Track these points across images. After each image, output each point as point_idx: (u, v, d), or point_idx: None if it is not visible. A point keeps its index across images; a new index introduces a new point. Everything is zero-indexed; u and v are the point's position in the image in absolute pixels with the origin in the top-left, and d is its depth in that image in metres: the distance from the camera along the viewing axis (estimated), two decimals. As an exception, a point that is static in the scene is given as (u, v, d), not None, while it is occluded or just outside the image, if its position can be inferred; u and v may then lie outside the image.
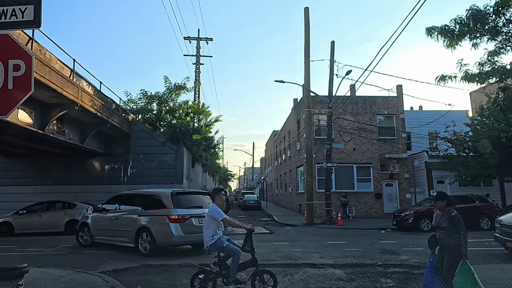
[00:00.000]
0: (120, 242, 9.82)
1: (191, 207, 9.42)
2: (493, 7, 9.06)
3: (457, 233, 4.64)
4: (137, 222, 9.37)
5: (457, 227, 4.67)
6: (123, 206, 10.25)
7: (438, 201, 4.96)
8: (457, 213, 4.79)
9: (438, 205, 4.98)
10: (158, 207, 9.27)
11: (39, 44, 11.75)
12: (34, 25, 2.98)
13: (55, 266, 7.28)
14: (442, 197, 4.97)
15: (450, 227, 4.74)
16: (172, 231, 8.80)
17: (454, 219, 4.74)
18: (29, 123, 12.65)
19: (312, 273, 7.19)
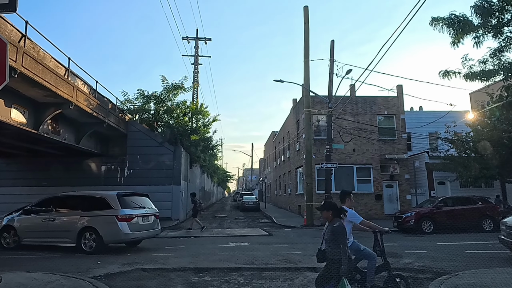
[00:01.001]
0: (57, 243, 10.19)
1: (135, 208, 10.33)
2: (497, 3, 8.84)
3: (337, 246, 4.20)
4: (79, 223, 9.85)
5: (337, 240, 4.23)
6: (59, 208, 10.51)
7: (323, 210, 4.52)
8: (339, 225, 4.32)
9: (324, 215, 4.54)
10: (103, 208, 9.86)
11: (32, 41, 11.46)
12: (9, 9, 2.70)
13: (44, 270, 6.98)
14: (327, 207, 4.52)
15: (331, 239, 4.32)
16: (121, 230, 9.59)
17: (334, 230, 4.28)
18: (23, 123, 12.37)
19: (313, 278, 6.87)
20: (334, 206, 4.56)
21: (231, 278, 6.98)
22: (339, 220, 4.41)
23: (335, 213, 4.48)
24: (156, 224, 11.09)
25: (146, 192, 19.56)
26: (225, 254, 9.53)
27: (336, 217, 4.45)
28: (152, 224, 10.86)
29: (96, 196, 10.37)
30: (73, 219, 10.00)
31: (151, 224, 10.78)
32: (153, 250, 10.31)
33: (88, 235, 9.74)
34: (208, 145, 27.81)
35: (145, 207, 10.84)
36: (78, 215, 9.96)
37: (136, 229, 9.98)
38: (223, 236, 13.92)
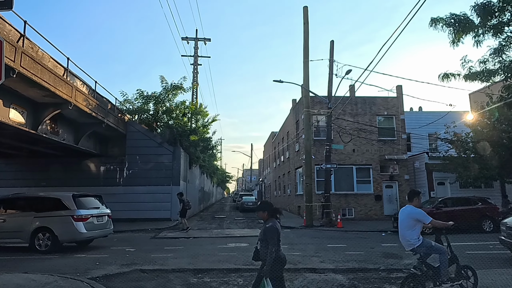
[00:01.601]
0: (9, 243, 10.31)
1: (90, 208, 10.80)
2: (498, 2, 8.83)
3: (267, 247, 4.16)
4: (33, 223, 10.10)
5: (267, 240, 4.19)
6: (12, 209, 10.70)
7: (259, 211, 4.48)
8: (271, 225, 4.26)
9: (259, 215, 4.49)
10: (59, 208, 10.16)
11: (31, 41, 11.42)
12: (5, 7, 2.66)
13: (42, 271, 6.93)
14: (263, 208, 4.49)
15: (263, 239, 4.28)
16: (77, 229, 10.06)
17: (266, 230, 4.25)
18: (21, 123, 12.31)
19: (313, 279, 6.88)
20: (269, 206, 4.52)
21: (231, 279, 6.94)
22: (273, 220, 4.38)
23: (270, 213, 4.45)
24: (109, 223, 11.56)
25: (145, 192, 19.75)
26: (225, 254, 9.48)
27: (272, 217, 4.43)
28: (106, 224, 11.34)
29: (51, 197, 10.62)
30: (25, 220, 10.22)
31: (104, 223, 11.25)
32: (152, 251, 10.26)
33: (41, 235, 10.02)
34: (207, 146, 27.77)
35: (98, 207, 11.31)
36: (31, 216, 10.21)
37: (91, 228, 10.46)
38: (223, 237, 13.88)
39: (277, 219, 4.48)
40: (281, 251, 4.35)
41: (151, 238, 13.74)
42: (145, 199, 19.61)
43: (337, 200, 20.34)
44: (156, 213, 19.49)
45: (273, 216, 4.45)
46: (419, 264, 5.25)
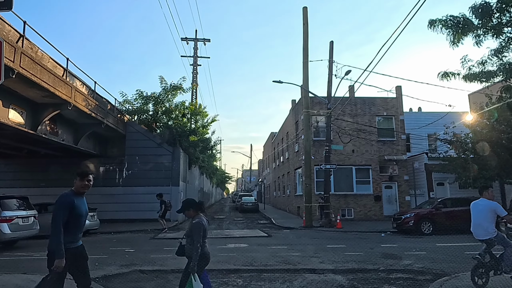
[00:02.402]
0: None
1: (15, 210, 11.12)
2: (496, 3, 8.84)
3: (193, 243, 4.18)
4: None
5: (192, 236, 4.20)
6: None
7: (185, 211, 4.50)
8: (198, 221, 4.28)
9: (187, 215, 4.51)
10: None
11: (30, 41, 11.41)
12: (4, 7, 2.66)
13: (41, 272, 6.90)
14: (187, 206, 4.49)
15: (189, 235, 4.30)
16: (2, 230, 10.35)
17: (192, 226, 4.27)
18: (21, 123, 12.30)
19: (312, 279, 6.87)
20: (192, 203, 4.54)
21: (230, 279, 6.94)
22: (200, 216, 4.41)
23: (196, 209, 4.48)
24: (35, 224, 11.81)
25: (145, 193, 19.72)
26: (224, 255, 9.48)
27: (199, 213, 4.46)
28: (32, 225, 11.63)
29: None
30: None
31: (30, 224, 11.55)
32: (151, 252, 10.25)
33: None
34: (207, 146, 27.79)
35: (25, 208, 11.65)
36: None
37: (16, 229, 10.80)
38: (222, 237, 13.87)
39: (203, 212, 4.53)
40: (206, 247, 4.37)
41: (151, 238, 13.73)
42: (144, 200, 19.59)
43: (336, 201, 20.34)
44: (155, 214, 19.44)
45: (201, 211, 4.50)
46: (483, 253, 5.86)
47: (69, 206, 3.52)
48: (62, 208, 3.48)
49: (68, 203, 3.53)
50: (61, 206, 3.49)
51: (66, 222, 3.48)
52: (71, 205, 3.53)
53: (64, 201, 3.52)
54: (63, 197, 3.55)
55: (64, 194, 3.57)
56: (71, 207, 3.52)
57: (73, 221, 3.55)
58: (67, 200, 3.54)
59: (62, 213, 3.46)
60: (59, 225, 3.42)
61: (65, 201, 3.52)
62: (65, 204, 3.50)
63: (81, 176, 3.67)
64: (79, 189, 3.67)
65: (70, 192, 3.64)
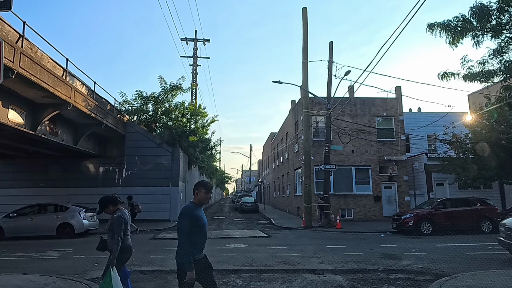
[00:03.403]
0: None
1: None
2: (496, 4, 8.85)
3: (113, 236, 4.21)
4: None
5: (113, 230, 4.23)
6: None
7: (104, 209, 4.50)
8: (119, 215, 4.34)
9: (106, 212, 4.52)
10: None
11: (30, 42, 11.41)
12: (4, 8, 2.66)
13: (41, 272, 6.91)
14: (105, 203, 4.49)
15: (110, 229, 4.34)
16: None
17: (113, 221, 4.31)
18: (20, 123, 12.30)
19: (312, 280, 6.87)
20: (109, 200, 4.53)
21: (230, 280, 6.93)
22: (121, 210, 4.45)
23: (115, 204, 4.49)
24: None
25: (144, 193, 19.72)
26: (224, 255, 9.47)
27: (119, 208, 4.49)
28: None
29: None
30: None
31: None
32: (151, 252, 10.24)
33: None
34: (206, 146, 27.77)
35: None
36: None
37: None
38: (222, 238, 13.86)
39: (122, 204, 4.60)
40: (129, 240, 4.43)
41: (150, 239, 13.72)
42: (144, 200, 19.53)
43: (336, 201, 20.34)
44: (155, 214, 19.48)
45: (120, 205, 4.53)
46: None
47: (194, 217, 3.59)
48: (188, 220, 3.56)
49: (194, 215, 3.59)
50: (187, 219, 3.56)
51: (192, 234, 3.55)
52: (196, 217, 3.60)
53: (189, 213, 3.59)
54: (188, 209, 3.62)
55: (188, 207, 3.64)
56: (195, 219, 3.59)
57: (198, 232, 3.62)
58: (193, 212, 3.61)
59: (189, 226, 3.53)
60: (187, 238, 3.50)
61: (191, 214, 3.59)
62: (190, 216, 3.57)
63: (206, 190, 3.75)
64: (202, 201, 3.75)
65: (192, 204, 3.72)
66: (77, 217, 14.05)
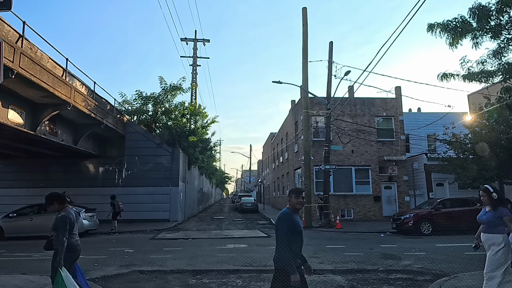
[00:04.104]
0: None
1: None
2: (495, 5, 8.86)
3: (58, 236, 4.17)
4: None
5: (57, 230, 4.20)
6: None
7: (48, 206, 4.46)
8: (63, 214, 4.29)
9: (51, 209, 4.48)
10: None
11: (29, 42, 11.40)
12: (4, 8, 2.66)
13: (41, 272, 6.90)
14: (50, 201, 4.44)
15: (54, 229, 4.29)
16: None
17: (57, 220, 4.28)
18: (20, 123, 12.29)
19: (312, 280, 6.85)
20: (55, 197, 4.48)
21: (229, 280, 6.94)
22: (66, 209, 4.39)
23: (61, 202, 4.44)
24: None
25: (144, 193, 19.73)
26: (223, 256, 9.48)
27: (66, 206, 4.43)
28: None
29: None
30: None
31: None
32: (150, 252, 10.24)
33: None
34: (206, 147, 27.77)
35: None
36: None
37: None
38: (221, 238, 13.86)
39: (71, 203, 4.51)
40: (75, 239, 4.37)
41: (150, 239, 13.71)
42: (144, 200, 19.60)
43: (336, 201, 20.34)
44: (155, 214, 19.47)
45: (67, 204, 4.47)
46: None
47: (292, 223, 3.65)
48: (287, 226, 3.62)
49: (291, 221, 3.65)
50: (285, 224, 3.61)
51: (289, 239, 3.61)
52: (293, 223, 3.66)
53: (287, 218, 3.65)
54: (286, 214, 3.68)
55: (285, 212, 3.70)
56: (293, 224, 3.65)
57: (295, 238, 3.69)
58: (291, 218, 3.67)
59: (287, 231, 3.59)
60: (286, 243, 3.56)
61: (289, 219, 3.65)
62: (288, 222, 3.63)
63: (296, 194, 3.82)
64: (295, 206, 3.81)
65: (288, 210, 3.77)
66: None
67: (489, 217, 4.62)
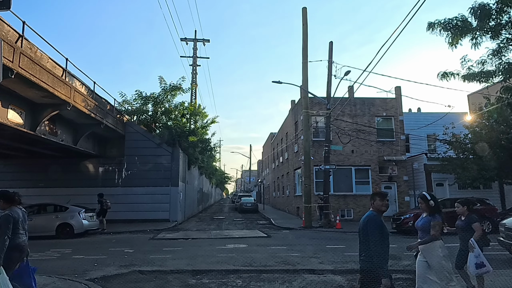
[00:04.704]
0: None
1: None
2: (495, 4, 8.85)
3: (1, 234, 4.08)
4: None
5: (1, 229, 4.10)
6: None
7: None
8: (7, 213, 4.20)
9: None
10: None
11: (29, 42, 11.38)
12: (3, 7, 2.65)
13: (40, 273, 6.87)
14: None
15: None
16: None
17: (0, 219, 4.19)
18: (20, 124, 12.28)
19: (312, 280, 6.87)
20: (3, 195, 4.43)
21: (229, 280, 6.93)
22: (12, 208, 4.32)
23: (7, 200, 4.38)
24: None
25: (144, 193, 19.72)
26: (223, 256, 9.47)
27: (13, 205, 4.36)
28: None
29: None
30: None
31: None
32: (150, 252, 10.24)
33: None
34: (206, 147, 27.76)
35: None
36: None
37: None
38: (221, 238, 13.86)
39: (20, 204, 4.42)
40: (22, 239, 4.29)
41: (150, 239, 13.71)
42: (143, 200, 19.58)
43: (336, 201, 20.33)
44: (154, 214, 19.46)
45: (14, 203, 4.38)
46: None
47: (381, 226, 3.66)
48: (377, 228, 3.63)
49: (380, 224, 3.66)
50: (376, 226, 3.63)
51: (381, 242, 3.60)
52: (382, 226, 3.67)
53: (377, 221, 3.68)
54: (375, 217, 3.70)
55: (374, 215, 3.73)
56: (382, 227, 3.66)
57: (385, 240, 3.66)
58: (380, 221, 3.70)
59: (378, 233, 3.59)
60: (377, 245, 3.55)
61: (378, 222, 3.67)
62: (378, 225, 3.65)
63: (381, 197, 3.84)
64: (380, 208, 3.82)
65: (374, 212, 3.78)
66: (76, 217, 14.03)
67: (424, 223, 4.68)
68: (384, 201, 3.79)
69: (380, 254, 3.51)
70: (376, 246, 3.52)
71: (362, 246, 3.65)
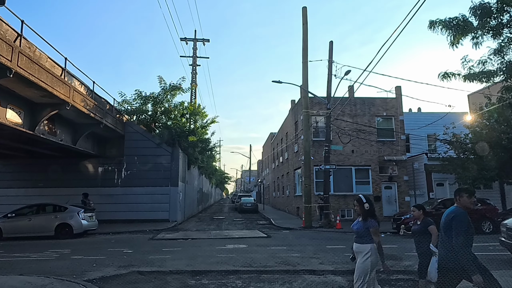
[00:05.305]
0: None
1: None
2: (496, 4, 8.81)
3: None
4: None
5: None
6: None
7: None
8: None
9: None
10: None
11: (28, 41, 11.33)
12: (-3, 3, 2.59)
13: (39, 273, 6.85)
14: None
15: None
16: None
17: None
18: (18, 123, 12.22)
19: (312, 281, 6.81)
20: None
21: (229, 281, 6.87)
22: None
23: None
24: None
25: (144, 193, 19.68)
26: (223, 256, 9.42)
27: None
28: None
29: None
30: None
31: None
32: (149, 253, 10.18)
33: None
34: (206, 147, 27.70)
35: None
36: None
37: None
38: (221, 238, 13.81)
39: None
40: None
41: (149, 239, 13.65)
42: (143, 200, 19.53)
43: (336, 201, 20.28)
44: (154, 214, 19.41)
45: None
46: None
47: (468, 223, 3.71)
48: (466, 224, 3.69)
49: (468, 221, 3.70)
50: (464, 222, 3.68)
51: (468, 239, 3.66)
52: (469, 223, 3.72)
53: (466, 217, 3.72)
54: (463, 213, 3.74)
55: (462, 212, 3.76)
56: (469, 224, 3.71)
57: (471, 237, 3.72)
58: (468, 218, 3.73)
59: (465, 230, 3.65)
60: (465, 242, 3.61)
61: (467, 218, 3.72)
62: (467, 221, 3.69)
63: (469, 194, 3.89)
64: (467, 205, 3.86)
65: (459, 208, 3.83)
66: (75, 217, 13.98)
67: (359, 227, 4.66)
68: (472, 198, 3.80)
69: (467, 250, 3.53)
70: (464, 241, 3.54)
71: (442, 241, 3.67)
